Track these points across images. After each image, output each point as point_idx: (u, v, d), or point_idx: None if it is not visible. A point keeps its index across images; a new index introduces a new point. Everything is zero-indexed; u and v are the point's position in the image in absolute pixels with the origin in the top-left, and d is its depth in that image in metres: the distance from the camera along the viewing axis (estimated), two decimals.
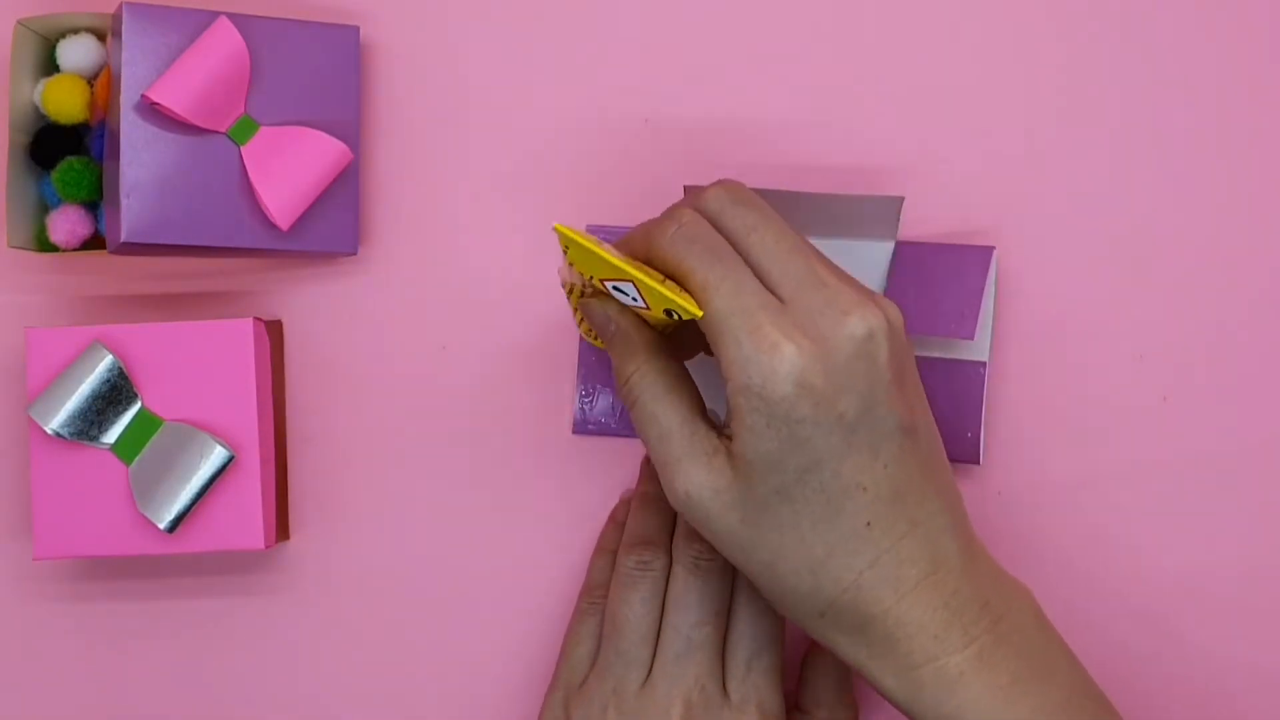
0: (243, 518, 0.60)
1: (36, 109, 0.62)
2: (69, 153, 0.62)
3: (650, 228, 0.54)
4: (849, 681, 0.61)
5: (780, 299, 0.52)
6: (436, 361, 0.64)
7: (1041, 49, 0.65)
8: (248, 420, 0.60)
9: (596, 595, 0.61)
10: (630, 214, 0.64)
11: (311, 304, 0.65)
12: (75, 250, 0.62)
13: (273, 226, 0.61)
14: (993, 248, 0.62)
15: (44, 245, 0.62)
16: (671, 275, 0.53)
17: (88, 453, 0.60)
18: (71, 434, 0.59)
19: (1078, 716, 0.54)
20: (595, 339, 0.59)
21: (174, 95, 0.59)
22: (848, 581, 0.52)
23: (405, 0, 0.65)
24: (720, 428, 0.54)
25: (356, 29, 0.63)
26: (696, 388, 0.56)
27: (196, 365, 0.60)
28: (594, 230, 0.63)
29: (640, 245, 0.54)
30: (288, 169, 0.61)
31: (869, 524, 0.52)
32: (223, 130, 0.60)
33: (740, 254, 0.53)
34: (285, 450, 0.64)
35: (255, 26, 0.61)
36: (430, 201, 0.65)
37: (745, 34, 0.65)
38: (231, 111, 0.60)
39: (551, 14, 0.65)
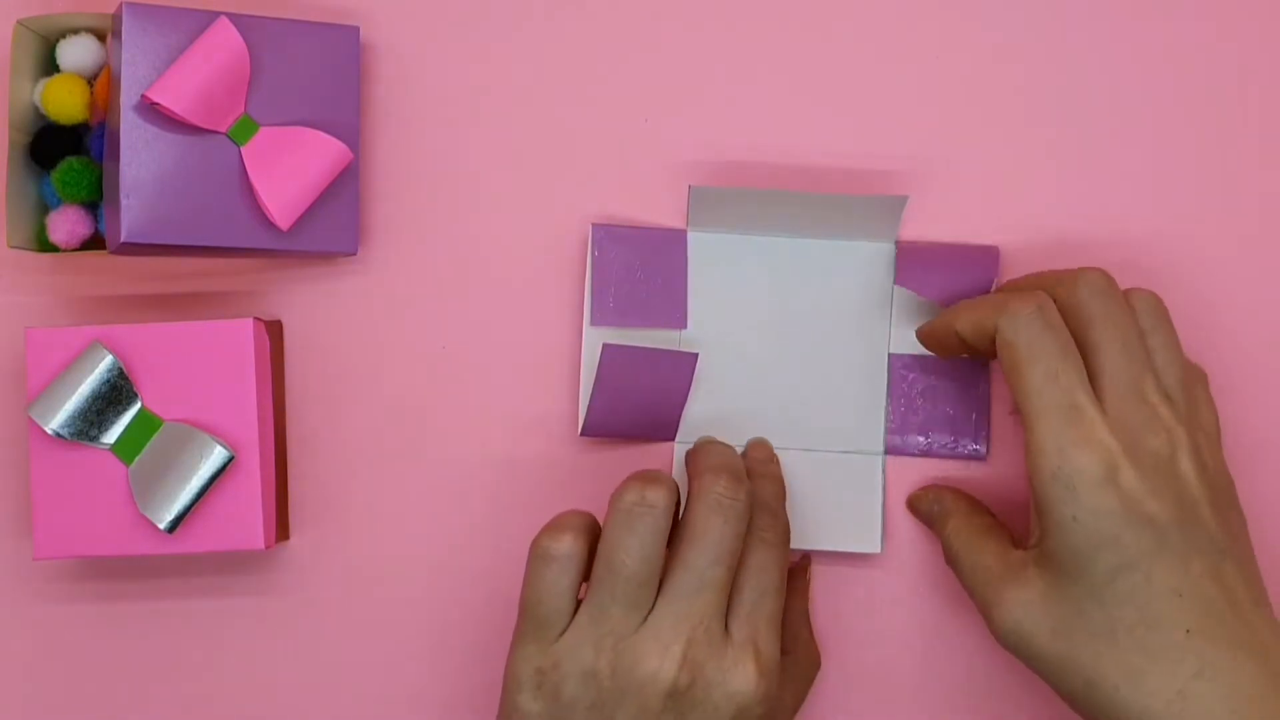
0: (243, 518, 0.60)
1: (36, 109, 0.62)
2: (69, 153, 0.62)
3: (1006, 300, 0.55)
4: (809, 623, 0.62)
5: (1102, 403, 0.54)
6: (436, 361, 0.64)
7: (1046, 50, 0.65)
8: (248, 420, 0.60)
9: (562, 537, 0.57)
10: (630, 214, 0.64)
11: (311, 304, 0.65)
12: (75, 250, 0.62)
13: (273, 226, 0.61)
14: (997, 247, 0.62)
15: (44, 245, 0.62)
16: (1005, 348, 0.55)
17: (88, 453, 0.60)
18: (71, 434, 0.59)
19: None
20: None
21: (174, 95, 0.59)
22: (1172, 691, 0.52)
23: (405, 0, 0.65)
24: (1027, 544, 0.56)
25: (356, 29, 0.63)
26: (1007, 531, 0.58)
27: (196, 365, 0.60)
28: (599, 229, 0.63)
29: (986, 312, 0.56)
30: (288, 169, 0.61)
31: (1188, 631, 0.52)
32: (223, 130, 0.60)
33: (1080, 344, 0.55)
34: (285, 450, 0.64)
35: (255, 26, 0.61)
36: (430, 201, 0.65)
37: (745, 34, 0.65)
38: (231, 111, 0.60)
39: (551, 14, 0.65)
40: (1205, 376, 0.59)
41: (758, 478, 0.60)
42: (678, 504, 0.58)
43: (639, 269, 0.63)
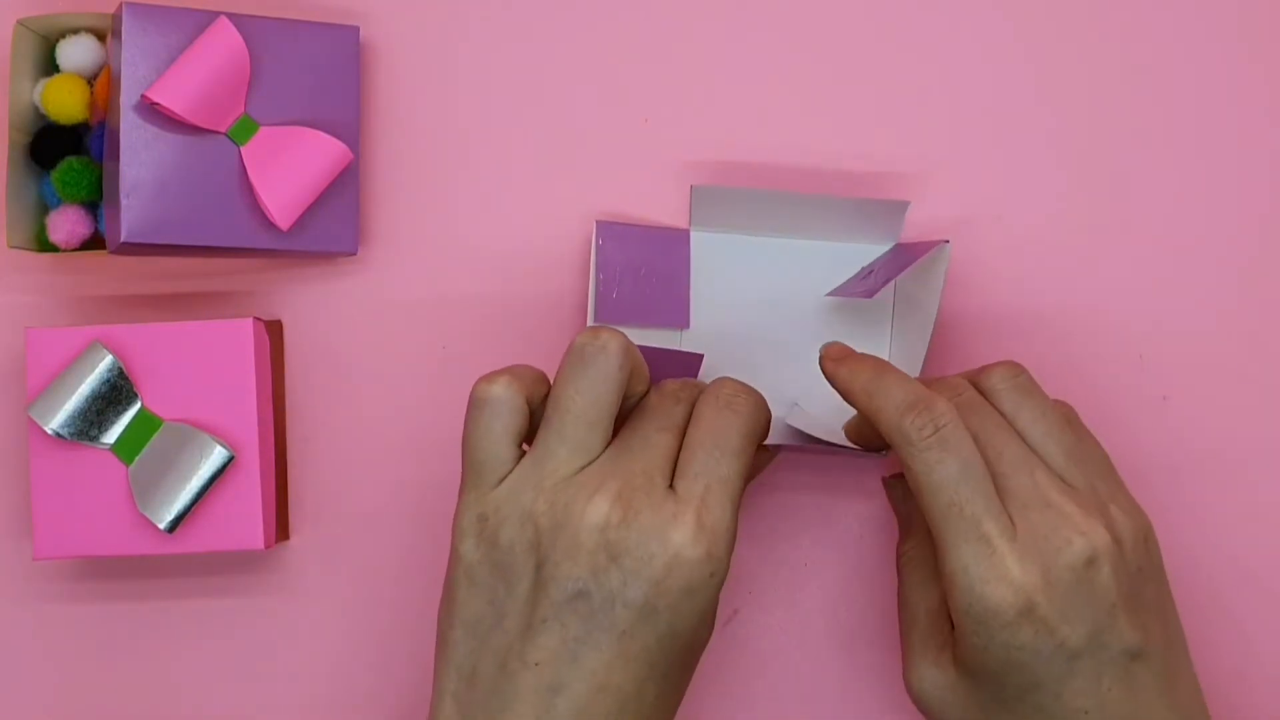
0: (243, 518, 0.60)
1: (36, 109, 0.62)
2: (69, 153, 0.62)
3: (902, 416, 0.54)
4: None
5: (1009, 515, 0.53)
6: (436, 361, 0.64)
7: (1048, 52, 0.65)
8: (248, 420, 0.60)
9: (496, 380, 0.56)
10: (630, 214, 0.64)
11: (311, 304, 0.65)
12: (75, 250, 0.62)
13: (273, 226, 0.61)
14: (947, 241, 0.61)
15: (44, 245, 0.62)
16: (906, 473, 0.54)
17: (88, 453, 0.60)
18: (71, 434, 0.59)
19: None
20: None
21: (174, 95, 0.59)
22: None
23: (405, 0, 0.65)
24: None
25: (356, 29, 0.63)
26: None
27: (196, 365, 0.60)
28: (603, 226, 0.63)
29: (885, 406, 0.54)
30: (288, 169, 0.61)
31: None
32: (223, 130, 0.60)
33: (983, 449, 0.54)
34: (285, 450, 0.64)
35: (255, 26, 0.61)
36: (430, 201, 0.65)
37: (746, 33, 0.65)
38: (231, 111, 0.60)
39: (552, 14, 0.65)
40: (1073, 413, 0.58)
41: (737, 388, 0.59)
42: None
43: (642, 268, 0.63)
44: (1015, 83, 0.65)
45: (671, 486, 0.54)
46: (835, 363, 0.57)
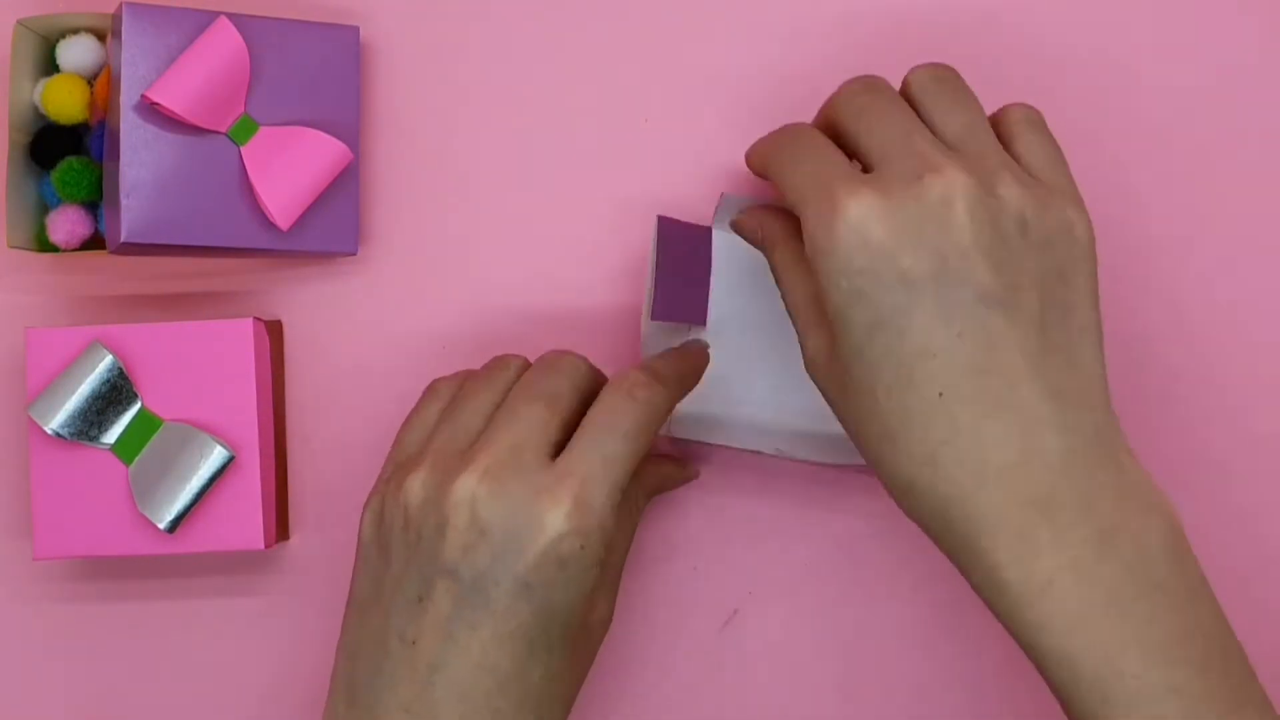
0: (243, 518, 0.60)
1: (36, 109, 0.62)
2: (69, 153, 0.62)
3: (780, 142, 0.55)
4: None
5: (871, 166, 0.52)
6: (436, 361, 0.64)
7: (1053, 41, 0.65)
8: (248, 420, 0.60)
9: (454, 378, 0.59)
10: (630, 214, 0.64)
11: (311, 304, 0.65)
12: (75, 250, 0.62)
13: (273, 226, 0.61)
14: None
15: (44, 245, 0.62)
16: (771, 165, 0.55)
17: (88, 453, 0.60)
18: (71, 434, 0.59)
19: (1195, 653, 0.48)
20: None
21: (174, 95, 0.59)
22: (923, 455, 0.49)
23: (405, 0, 0.65)
24: None
25: (356, 29, 0.63)
26: None
27: (196, 365, 0.60)
28: (665, 222, 0.62)
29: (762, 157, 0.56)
30: (288, 169, 0.61)
31: (941, 394, 0.49)
32: (223, 130, 0.60)
33: (863, 124, 0.53)
34: (285, 450, 0.64)
35: (255, 26, 0.61)
36: (430, 201, 0.65)
37: (746, 34, 0.65)
38: (231, 111, 0.60)
39: (551, 14, 0.65)
40: (1036, 116, 0.55)
41: (665, 354, 0.59)
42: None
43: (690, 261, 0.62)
44: (1018, 79, 0.65)
45: (551, 461, 0.54)
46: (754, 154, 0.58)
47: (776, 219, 0.57)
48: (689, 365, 0.59)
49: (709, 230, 0.61)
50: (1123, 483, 0.50)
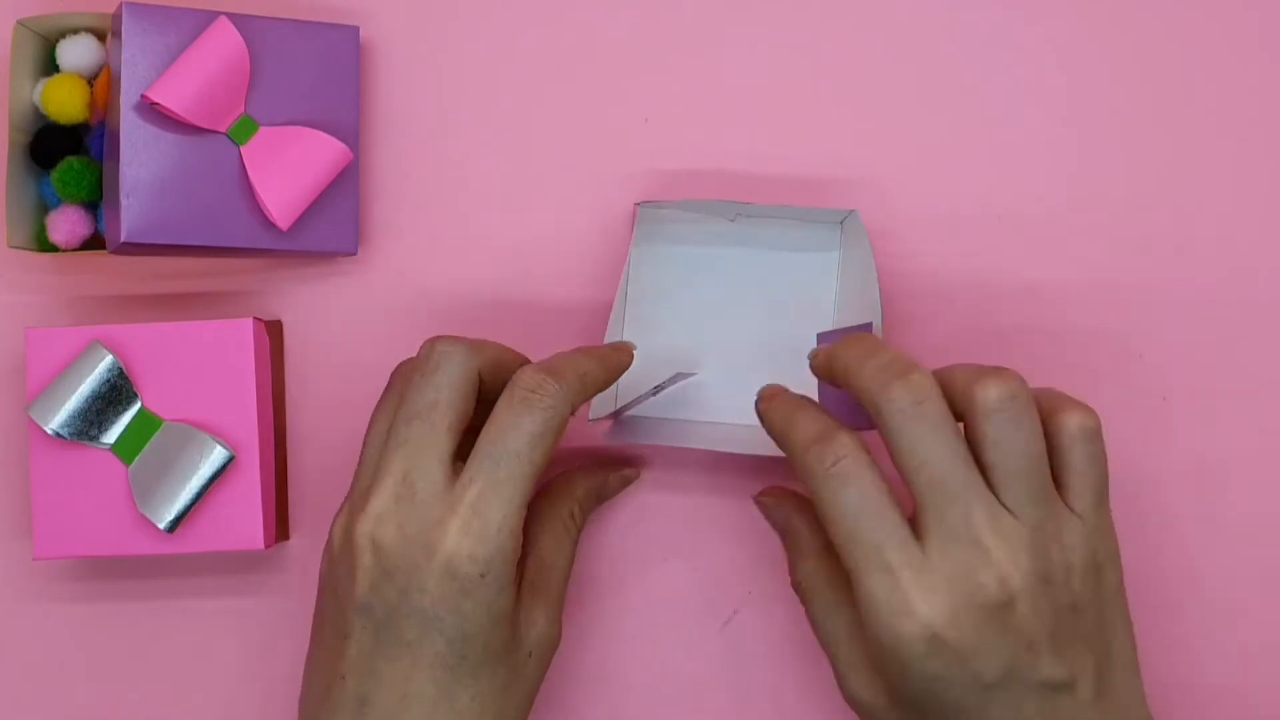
0: (243, 518, 0.60)
1: (36, 109, 0.62)
2: (69, 153, 0.62)
3: (806, 450, 0.53)
4: (571, 532, 0.60)
5: (924, 546, 0.51)
6: None
7: (1041, 44, 0.65)
8: (248, 420, 0.60)
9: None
10: (629, 213, 0.64)
11: (311, 304, 0.65)
12: (75, 250, 0.62)
13: (273, 226, 0.61)
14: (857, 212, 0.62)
15: (44, 245, 0.62)
16: (813, 482, 0.53)
17: (88, 453, 0.60)
18: (71, 434, 0.59)
19: None
20: None
21: (174, 95, 0.59)
22: None
23: (405, 0, 0.65)
24: None
25: (356, 29, 0.63)
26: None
27: (196, 365, 0.60)
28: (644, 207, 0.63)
29: (795, 440, 0.54)
30: (288, 169, 0.61)
31: None
32: (223, 130, 0.60)
33: (921, 473, 0.52)
34: (285, 450, 0.64)
35: (255, 26, 0.61)
36: (430, 201, 0.65)
37: (747, 34, 0.65)
38: (231, 111, 0.60)
39: (551, 14, 0.65)
40: (1094, 426, 0.54)
41: (573, 351, 0.58)
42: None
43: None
44: (1012, 79, 0.65)
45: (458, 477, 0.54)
46: (764, 402, 0.57)
47: (796, 511, 0.59)
48: (599, 363, 0.58)
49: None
50: None
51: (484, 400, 0.56)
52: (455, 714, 0.54)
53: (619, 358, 0.59)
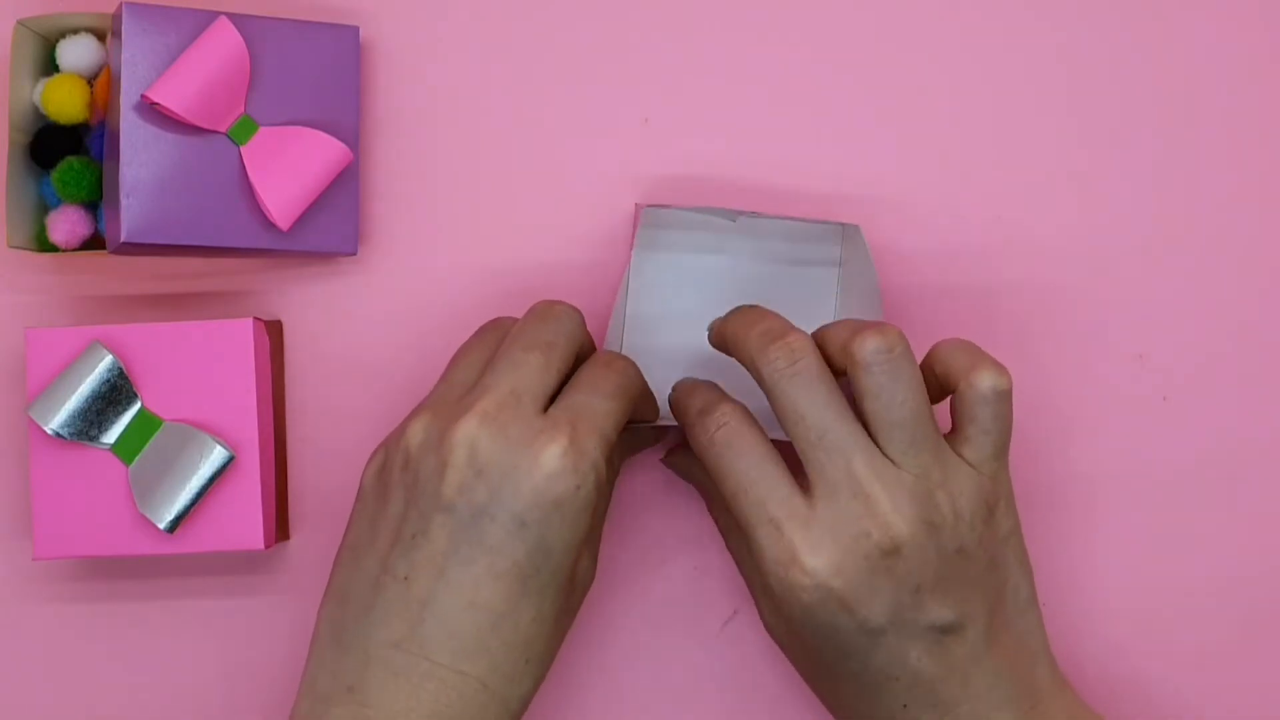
0: (243, 518, 0.60)
1: (36, 109, 0.62)
2: (69, 153, 0.62)
3: (693, 423, 0.56)
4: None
5: (810, 499, 0.54)
6: (436, 361, 0.64)
7: (1052, 51, 0.65)
8: (248, 420, 0.60)
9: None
10: (629, 214, 0.64)
11: (311, 304, 0.65)
12: (75, 250, 0.62)
13: (273, 226, 0.61)
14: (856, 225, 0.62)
15: (44, 245, 0.62)
16: (697, 445, 0.56)
17: (88, 453, 0.60)
18: (71, 434, 0.59)
19: None
20: None
21: (174, 95, 0.59)
22: None
23: (405, 0, 0.65)
24: None
25: (356, 29, 0.63)
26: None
27: (196, 365, 0.60)
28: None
29: (688, 408, 0.57)
30: (288, 169, 0.61)
31: (905, 706, 0.54)
32: (223, 130, 0.60)
33: (801, 426, 0.54)
34: (285, 450, 0.64)
35: (255, 26, 0.61)
36: (430, 201, 0.65)
37: (746, 33, 0.65)
38: (231, 111, 0.60)
39: (551, 14, 0.65)
40: (1005, 386, 0.55)
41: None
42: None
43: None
44: (1016, 85, 0.65)
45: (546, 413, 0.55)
46: (672, 392, 0.59)
47: (709, 481, 0.59)
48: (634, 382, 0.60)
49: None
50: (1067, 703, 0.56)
51: None
52: (515, 632, 0.54)
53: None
